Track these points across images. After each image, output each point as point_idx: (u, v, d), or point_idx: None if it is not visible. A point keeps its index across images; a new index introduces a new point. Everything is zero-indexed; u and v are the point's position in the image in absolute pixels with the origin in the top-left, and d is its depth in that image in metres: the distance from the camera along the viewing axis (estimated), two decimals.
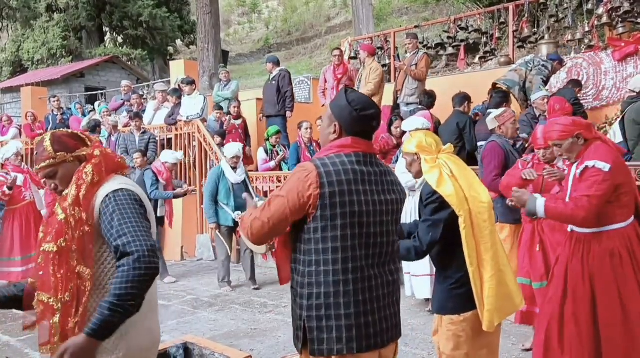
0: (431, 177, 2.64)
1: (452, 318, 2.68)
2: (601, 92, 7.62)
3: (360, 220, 2.01)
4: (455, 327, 2.68)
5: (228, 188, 6.34)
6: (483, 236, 2.57)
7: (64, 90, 18.39)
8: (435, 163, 2.68)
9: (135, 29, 22.37)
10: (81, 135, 2.14)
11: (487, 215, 2.59)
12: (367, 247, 2.04)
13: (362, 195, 2.02)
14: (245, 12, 28.58)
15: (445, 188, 2.58)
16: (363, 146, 2.09)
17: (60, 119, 11.24)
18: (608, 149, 3.00)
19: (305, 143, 7.69)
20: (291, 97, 8.82)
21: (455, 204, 2.55)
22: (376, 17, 16.96)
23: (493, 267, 2.58)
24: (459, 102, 6.58)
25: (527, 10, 9.09)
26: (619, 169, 2.93)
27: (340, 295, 2.00)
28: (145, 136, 8.76)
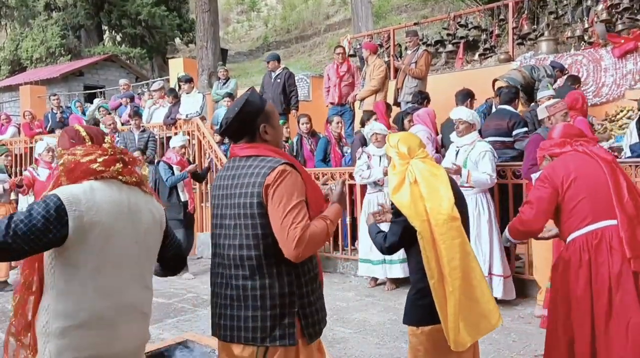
0: (391, 183, 2.63)
1: (412, 330, 2.59)
2: (601, 89, 7.62)
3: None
4: (414, 339, 2.57)
5: None
6: (441, 249, 2.45)
7: (63, 88, 18.34)
8: (401, 168, 2.61)
9: (134, 28, 22.33)
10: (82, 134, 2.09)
11: (446, 228, 2.46)
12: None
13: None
14: (243, 10, 28.53)
15: (400, 196, 2.55)
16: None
17: (59, 118, 11.21)
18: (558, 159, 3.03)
19: (336, 138, 7.39)
20: (297, 96, 8.87)
21: (409, 215, 2.49)
22: (375, 14, 16.93)
23: (453, 282, 2.43)
24: (461, 99, 6.42)
25: (526, 7, 9.09)
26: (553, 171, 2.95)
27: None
28: (145, 134, 8.75)
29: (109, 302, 1.91)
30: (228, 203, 2.16)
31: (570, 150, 3.00)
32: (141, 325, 2.05)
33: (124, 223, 1.95)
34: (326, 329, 4.78)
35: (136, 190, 2.06)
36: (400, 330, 4.64)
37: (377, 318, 5.04)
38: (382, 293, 5.88)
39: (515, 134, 5.68)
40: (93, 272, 1.88)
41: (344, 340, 4.50)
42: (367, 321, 4.96)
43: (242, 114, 2.15)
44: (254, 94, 2.22)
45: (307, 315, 2.12)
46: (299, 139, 7.54)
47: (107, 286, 1.91)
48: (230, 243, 2.13)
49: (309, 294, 2.13)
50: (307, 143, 7.49)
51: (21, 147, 10.99)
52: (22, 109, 13.86)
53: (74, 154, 1.98)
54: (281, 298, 2.06)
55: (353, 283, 6.33)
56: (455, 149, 5.30)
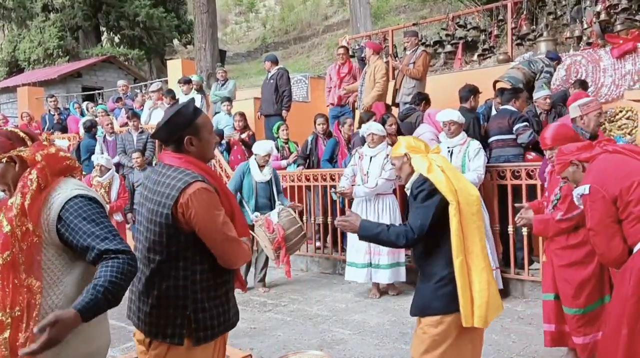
0: (422, 165, 2.67)
1: (431, 320, 2.58)
2: (600, 89, 7.59)
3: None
4: (434, 329, 2.57)
5: (251, 186, 6.05)
6: (471, 229, 2.57)
7: (61, 90, 18.31)
8: (424, 158, 2.72)
9: (132, 29, 22.31)
10: (21, 134, 2.04)
11: (476, 208, 2.60)
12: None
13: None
14: (242, 11, 28.54)
15: (435, 174, 2.61)
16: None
17: (57, 119, 11.19)
18: (595, 164, 2.76)
19: (346, 139, 7.27)
20: (289, 97, 8.71)
21: (445, 191, 2.55)
22: (373, 15, 16.94)
23: (483, 259, 2.56)
24: (464, 97, 6.27)
25: (525, 7, 9.08)
26: (604, 180, 2.62)
27: None
28: (143, 136, 8.72)
29: None
30: (145, 205, 2.30)
31: (600, 152, 2.80)
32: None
33: None
34: (326, 331, 4.79)
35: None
36: (400, 332, 4.63)
37: (376, 319, 5.02)
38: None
39: (516, 128, 5.66)
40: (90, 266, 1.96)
41: (343, 341, 4.48)
42: (366, 322, 4.94)
43: (169, 124, 2.26)
44: (189, 106, 2.32)
45: (198, 320, 2.24)
46: (314, 138, 7.48)
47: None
48: (142, 243, 2.30)
49: (203, 300, 2.26)
50: (322, 143, 7.45)
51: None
52: (20, 110, 13.84)
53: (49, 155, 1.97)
54: (175, 300, 2.23)
55: (352, 285, 6.31)
56: (447, 149, 5.34)
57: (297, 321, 5.08)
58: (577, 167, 2.85)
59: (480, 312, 2.49)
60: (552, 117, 6.16)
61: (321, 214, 6.98)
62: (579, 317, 3.57)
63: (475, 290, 2.51)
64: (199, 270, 2.25)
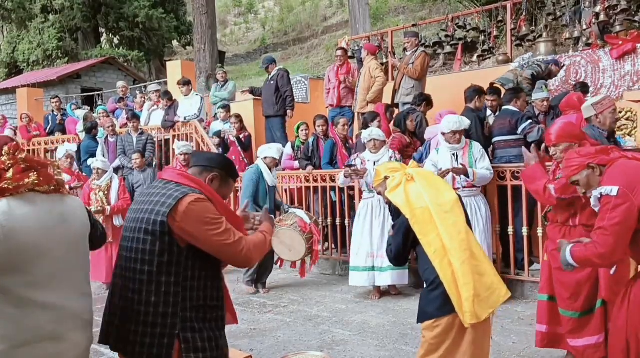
0: (397, 196, 2.78)
1: (427, 324, 2.63)
2: (599, 90, 7.61)
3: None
4: (428, 333, 2.61)
5: (265, 190, 5.99)
6: (447, 226, 2.63)
7: (60, 91, 18.28)
8: (399, 174, 2.85)
9: (132, 30, 22.31)
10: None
11: (449, 206, 2.70)
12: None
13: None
14: (241, 12, 28.54)
15: (395, 195, 2.77)
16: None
17: (59, 120, 11.20)
18: (621, 168, 2.59)
19: (342, 140, 7.26)
20: (291, 96, 8.68)
21: (404, 207, 2.71)
22: (373, 16, 16.94)
23: (462, 253, 2.58)
24: (469, 97, 6.25)
25: (524, 8, 9.08)
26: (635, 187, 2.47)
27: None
28: (143, 137, 8.72)
29: (49, 316, 1.86)
30: (134, 218, 2.26)
31: (619, 157, 2.69)
32: (85, 332, 2.03)
33: (53, 237, 1.88)
34: (326, 332, 4.79)
35: (57, 198, 1.96)
36: (400, 333, 4.62)
37: (376, 320, 5.02)
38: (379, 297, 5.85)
39: (522, 128, 5.64)
40: (28, 290, 1.82)
41: (343, 342, 4.48)
42: (367, 323, 4.94)
43: (215, 160, 2.44)
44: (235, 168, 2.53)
45: (188, 340, 2.14)
46: (315, 139, 7.48)
47: (45, 301, 1.85)
48: (126, 256, 2.22)
49: (192, 320, 2.17)
50: (323, 144, 7.47)
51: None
52: (19, 111, 13.83)
53: None
54: (163, 318, 2.12)
55: (352, 286, 6.30)
56: (451, 153, 5.35)
57: (297, 322, 5.07)
58: (594, 170, 2.68)
59: (468, 307, 2.48)
60: (551, 118, 6.17)
61: (321, 215, 6.98)
62: (575, 320, 3.58)
63: (460, 286, 2.52)
64: (189, 287, 2.17)
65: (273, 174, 6.14)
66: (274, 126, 8.70)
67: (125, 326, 2.15)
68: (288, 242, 5.42)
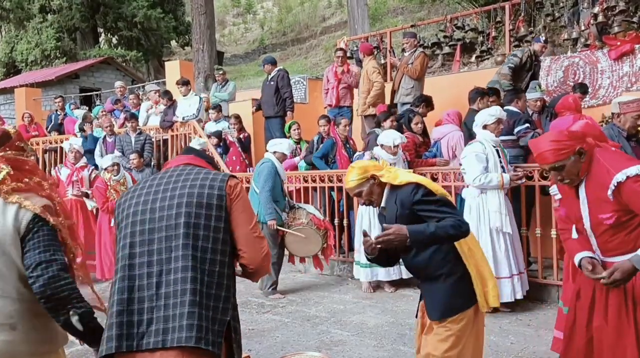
0: (404, 177, 2.63)
1: (455, 317, 2.56)
2: (597, 91, 7.62)
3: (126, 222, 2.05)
4: (457, 326, 2.56)
5: (280, 186, 5.94)
6: None
7: (59, 91, 18.23)
8: (392, 170, 2.72)
9: (130, 30, 22.27)
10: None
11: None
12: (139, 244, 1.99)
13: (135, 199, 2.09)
14: (240, 12, 28.52)
15: (420, 179, 2.63)
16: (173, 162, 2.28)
17: (61, 119, 11.20)
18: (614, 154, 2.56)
19: (342, 140, 7.22)
20: (291, 98, 8.68)
21: (435, 188, 2.60)
22: (371, 17, 16.94)
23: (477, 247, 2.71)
24: (472, 98, 6.18)
25: (523, 9, 9.10)
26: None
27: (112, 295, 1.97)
28: (141, 137, 8.71)
29: None
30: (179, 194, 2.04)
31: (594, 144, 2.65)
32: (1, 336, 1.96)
33: None
34: (324, 332, 4.78)
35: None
36: (398, 333, 4.62)
37: (375, 320, 5.02)
38: (380, 295, 5.85)
39: (517, 130, 5.64)
40: None
41: (342, 342, 4.48)
42: (365, 323, 4.93)
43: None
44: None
45: (237, 330, 2.02)
46: (320, 138, 7.51)
47: None
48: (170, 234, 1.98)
49: (236, 308, 2.04)
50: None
51: None
52: (18, 111, 13.81)
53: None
54: (224, 302, 1.95)
55: (350, 286, 6.31)
56: (494, 148, 5.00)
57: (296, 322, 5.07)
58: (581, 157, 2.49)
59: (494, 292, 2.61)
60: (545, 117, 6.21)
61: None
62: None
63: (487, 274, 2.63)
64: (233, 271, 2.04)
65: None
66: (273, 127, 8.70)
67: (177, 312, 1.87)
68: (303, 240, 5.44)
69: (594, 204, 2.52)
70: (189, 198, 2.00)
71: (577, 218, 2.64)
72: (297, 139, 7.79)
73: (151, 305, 1.90)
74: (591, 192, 2.52)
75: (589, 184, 2.53)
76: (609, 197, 2.43)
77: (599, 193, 2.48)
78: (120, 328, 1.88)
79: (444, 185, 5.75)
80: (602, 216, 2.48)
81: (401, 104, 7.79)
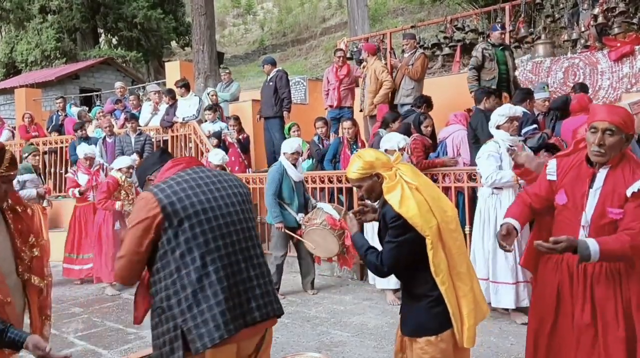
0: (393, 197, 2.46)
1: (429, 340, 2.47)
2: (597, 92, 7.63)
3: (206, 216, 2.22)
4: (432, 348, 2.47)
5: (291, 187, 5.94)
6: (456, 246, 2.48)
7: (59, 91, 18.25)
8: (395, 179, 2.50)
9: (130, 31, 22.29)
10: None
11: (455, 224, 2.52)
12: (221, 237, 2.23)
13: (202, 196, 2.26)
14: (240, 13, 28.54)
15: (407, 209, 2.41)
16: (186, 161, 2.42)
17: (62, 120, 11.21)
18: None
19: (348, 140, 7.12)
20: (289, 98, 8.68)
21: (419, 225, 2.39)
22: (371, 17, 16.95)
23: (470, 280, 2.50)
24: (478, 98, 6.07)
25: (523, 10, 9.10)
26: None
27: (205, 289, 2.13)
28: (141, 138, 8.72)
29: None
30: (231, 192, 2.36)
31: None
32: None
33: None
34: (324, 333, 4.78)
35: None
36: None
37: (374, 321, 5.01)
38: (380, 296, 5.85)
39: (525, 131, 5.56)
40: None
41: (342, 343, 4.48)
42: (365, 325, 4.93)
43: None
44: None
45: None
46: (320, 139, 7.51)
47: None
48: (245, 225, 2.34)
49: None
50: (327, 143, 7.51)
51: (16, 151, 10.93)
52: (18, 111, 13.81)
53: None
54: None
55: (350, 287, 6.31)
56: (511, 147, 4.78)
57: (296, 323, 5.07)
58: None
59: (470, 333, 2.46)
60: (550, 119, 6.18)
61: None
62: None
63: (464, 314, 2.46)
64: None
65: (298, 169, 6.05)
66: (272, 127, 8.71)
67: (269, 288, 2.33)
68: (321, 241, 5.42)
69: (608, 196, 2.48)
70: (240, 197, 2.38)
71: (573, 206, 2.59)
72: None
73: (245, 287, 2.23)
74: (610, 183, 2.49)
75: (611, 174, 2.50)
76: (626, 194, 2.43)
77: (618, 187, 2.46)
78: (231, 312, 2.14)
79: (445, 185, 5.75)
80: (612, 210, 2.46)
81: (401, 105, 7.79)
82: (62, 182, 9.82)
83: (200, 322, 2.09)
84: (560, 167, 2.71)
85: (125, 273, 2.24)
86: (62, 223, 9.29)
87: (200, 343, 2.08)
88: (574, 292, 2.58)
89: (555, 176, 2.72)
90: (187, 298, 2.11)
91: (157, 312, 2.20)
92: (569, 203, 2.61)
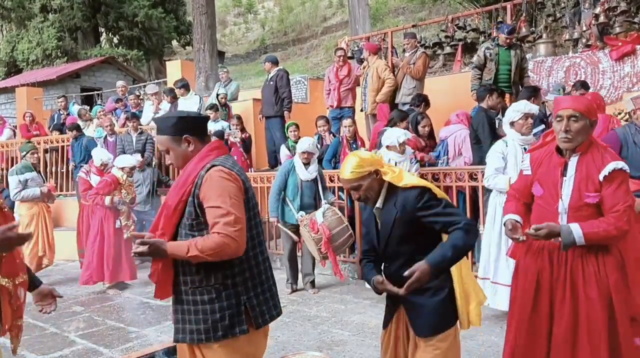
0: (408, 179, 2.46)
1: (444, 335, 2.46)
2: (599, 92, 7.62)
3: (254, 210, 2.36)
4: (445, 343, 2.46)
5: (296, 185, 5.95)
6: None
7: (60, 90, 18.27)
8: (393, 168, 2.54)
9: (131, 30, 22.30)
10: None
11: None
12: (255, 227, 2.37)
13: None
14: (241, 12, 28.56)
15: (425, 182, 2.50)
16: (225, 149, 2.43)
17: (63, 119, 11.21)
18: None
19: (348, 139, 7.14)
20: (289, 98, 8.68)
21: (439, 194, 2.45)
22: (372, 17, 16.95)
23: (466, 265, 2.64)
24: (480, 96, 5.98)
25: (524, 9, 9.09)
26: None
27: (262, 273, 2.36)
28: (142, 137, 8.71)
29: None
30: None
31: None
32: None
33: None
34: (325, 332, 4.78)
35: None
36: None
37: (375, 320, 5.01)
38: (380, 296, 5.83)
39: (534, 133, 5.46)
40: None
41: (342, 342, 4.48)
42: (366, 324, 4.93)
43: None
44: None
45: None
46: (320, 138, 7.51)
47: None
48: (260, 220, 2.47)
49: None
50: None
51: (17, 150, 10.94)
52: (19, 110, 13.82)
53: None
54: None
55: (351, 286, 6.31)
56: (520, 147, 4.62)
57: (296, 322, 5.07)
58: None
59: (477, 311, 2.54)
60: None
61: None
62: None
63: (471, 290, 2.55)
64: None
65: (310, 168, 6.00)
66: (273, 126, 8.71)
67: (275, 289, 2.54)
68: (308, 243, 5.51)
69: (582, 181, 2.59)
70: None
71: (550, 195, 2.67)
72: (295, 139, 7.79)
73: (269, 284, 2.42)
74: (582, 169, 2.60)
75: (582, 161, 2.62)
76: (599, 178, 2.55)
77: (591, 172, 2.58)
78: (272, 300, 2.40)
79: (445, 185, 5.76)
80: (588, 194, 2.57)
81: (402, 104, 7.79)
82: (63, 181, 9.83)
83: (262, 300, 2.33)
84: (532, 161, 2.83)
85: (243, 240, 2.21)
86: (64, 222, 9.30)
87: (262, 319, 2.31)
88: (554, 278, 2.66)
89: (530, 171, 2.84)
90: (254, 277, 2.31)
91: (216, 288, 2.25)
92: (545, 194, 2.71)
